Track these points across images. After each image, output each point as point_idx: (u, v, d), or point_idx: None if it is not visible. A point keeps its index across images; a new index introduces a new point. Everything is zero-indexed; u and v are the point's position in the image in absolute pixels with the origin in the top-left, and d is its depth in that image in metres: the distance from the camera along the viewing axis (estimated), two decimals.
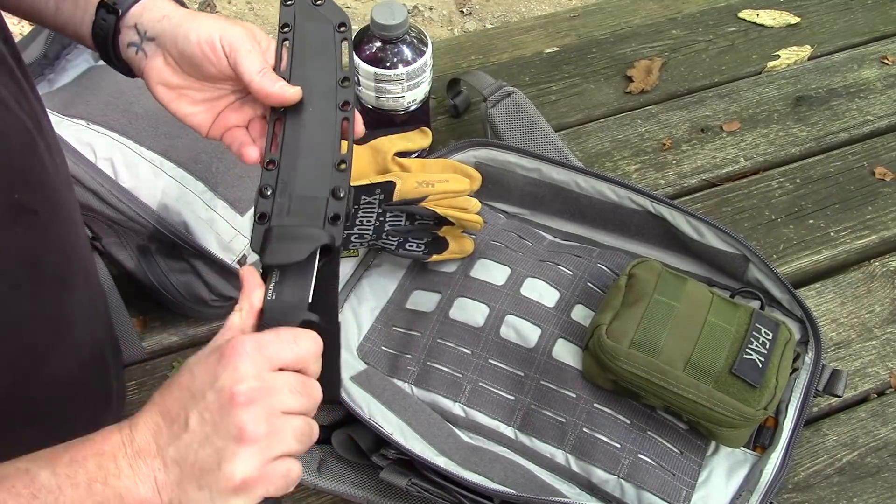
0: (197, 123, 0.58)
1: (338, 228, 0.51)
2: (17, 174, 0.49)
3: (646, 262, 0.72)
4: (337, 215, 0.52)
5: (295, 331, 0.47)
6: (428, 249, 0.75)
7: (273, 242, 0.50)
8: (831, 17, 1.11)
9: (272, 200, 0.52)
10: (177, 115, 0.58)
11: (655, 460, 0.66)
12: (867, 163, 0.94)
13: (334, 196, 0.52)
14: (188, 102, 0.58)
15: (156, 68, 0.56)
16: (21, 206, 0.49)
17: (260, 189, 0.53)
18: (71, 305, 0.57)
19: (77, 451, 0.43)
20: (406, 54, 0.83)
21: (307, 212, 0.52)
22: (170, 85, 0.57)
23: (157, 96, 0.57)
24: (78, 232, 0.59)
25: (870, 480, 0.70)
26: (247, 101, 0.59)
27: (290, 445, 0.45)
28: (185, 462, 0.43)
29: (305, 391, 0.46)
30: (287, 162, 0.54)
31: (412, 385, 0.72)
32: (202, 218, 0.74)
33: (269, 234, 0.51)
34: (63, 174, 0.57)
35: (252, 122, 0.59)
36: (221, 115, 0.58)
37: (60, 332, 0.56)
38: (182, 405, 0.44)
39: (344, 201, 0.52)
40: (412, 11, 2.09)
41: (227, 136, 0.58)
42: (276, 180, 0.53)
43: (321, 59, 0.57)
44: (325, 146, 0.54)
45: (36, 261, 0.51)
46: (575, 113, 1.00)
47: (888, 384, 0.76)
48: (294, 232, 0.51)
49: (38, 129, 0.52)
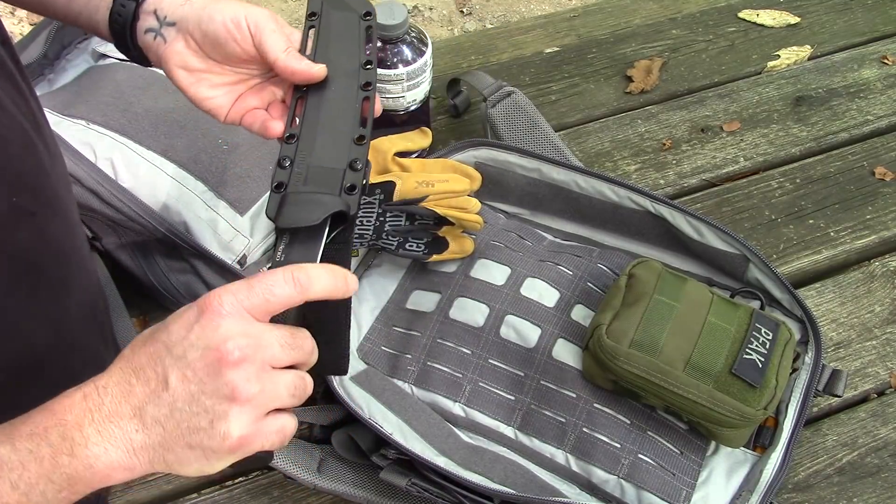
0: (216, 106, 0.58)
1: (353, 198, 0.52)
2: (14, 177, 0.49)
3: (646, 262, 0.72)
4: (353, 185, 0.52)
5: (271, 275, 0.44)
6: (428, 249, 0.75)
7: (288, 207, 0.51)
8: (831, 17, 1.11)
9: (290, 171, 0.53)
10: (195, 98, 0.58)
11: (655, 460, 0.66)
12: (867, 163, 0.94)
13: (352, 168, 0.53)
14: (207, 86, 0.58)
15: (176, 52, 0.57)
16: (19, 209, 0.49)
17: (278, 161, 0.54)
18: (70, 306, 0.57)
19: (37, 424, 0.41)
20: (406, 54, 0.83)
21: (324, 181, 0.53)
22: (190, 68, 0.57)
23: (177, 80, 0.57)
24: (76, 233, 0.59)
25: (870, 480, 0.70)
26: (266, 84, 0.59)
27: (283, 400, 0.44)
28: (169, 421, 0.41)
29: (296, 342, 0.45)
30: (307, 136, 0.55)
31: (412, 385, 0.72)
32: (202, 218, 0.74)
33: (284, 200, 0.52)
34: (61, 175, 0.57)
35: (272, 104, 0.59)
36: (241, 98, 0.59)
37: (60, 332, 0.56)
38: (158, 362, 0.42)
39: (361, 173, 0.53)
40: (412, 11, 2.09)
41: (247, 118, 0.59)
42: (295, 153, 0.54)
43: (345, 43, 0.58)
44: (345, 122, 0.55)
45: (34, 263, 0.51)
46: (575, 113, 1.00)
47: (888, 384, 0.76)
48: (309, 198, 0.52)
49: (36, 130, 0.52)
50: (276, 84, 0.59)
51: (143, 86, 0.80)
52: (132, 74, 0.81)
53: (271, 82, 0.59)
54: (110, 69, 0.82)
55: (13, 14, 1.98)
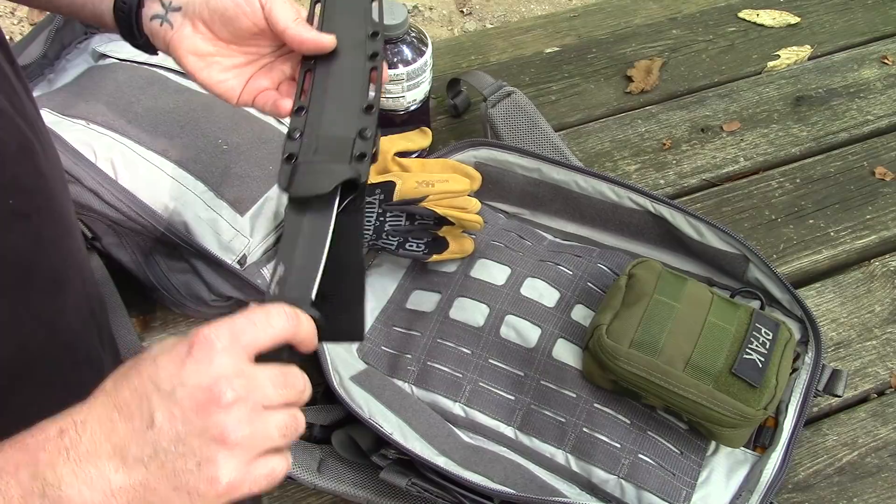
0: (227, 90, 0.58)
1: (364, 165, 0.52)
2: (10, 179, 0.48)
3: (646, 262, 0.72)
4: (363, 153, 0.52)
5: (265, 309, 0.43)
6: (428, 249, 0.75)
7: (299, 177, 0.51)
8: (831, 17, 1.11)
9: (299, 142, 0.53)
10: (207, 82, 0.58)
11: (655, 460, 0.66)
12: (867, 163, 0.94)
13: (361, 136, 0.53)
14: (218, 70, 0.58)
15: (186, 37, 0.57)
16: (14, 212, 0.48)
17: (288, 132, 0.54)
18: (65, 307, 0.57)
19: (8, 460, 0.38)
20: (406, 54, 0.83)
21: (334, 150, 0.53)
22: (200, 53, 0.57)
23: (187, 65, 0.57)
24: (73, 235, 0.59)
25: (870, 480, 0.70)
26: (275, 64, 0.60)
27: (274, 442, 0.42)
28: (153, 461, 0.39)
29: (288, 381, 0.44)
30: (315, 107, 0.55)
31: (412, 385, 0.72)
32: (202, 218, 0.74)
33: (295, 170, 0.52)
34: (58, 177, 0.57)
35: (282, 84, 0.60)
36: (251, 80, 0.59)
37: (54, 333, 0.56)
38: (144, 399, 0.40)
39: (370, 141, 0.53)
40: (412, 11, 2.09)
41: (259, 99, 0.59)
42: (305, 124, 0.54)
43: (352, 15, 0.59)
44: (353, 92, 0.55)
45: (29, 265, 0.51)
46: (575, 113, 1.00)
47: (888, 384, 0.76)
48: (320, 167, 0.52)
49: (32, 132, 0.52)
50: (284, 62, 0.60)
51: (143, 86, 0.80)
52: (132, 74, 0.81)
53: (280, 61, 0.60)
54: (110, 69, 0.82)
55: (13, 14, 1.98)
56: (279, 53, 0.60)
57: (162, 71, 0.83)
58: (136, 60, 0.84)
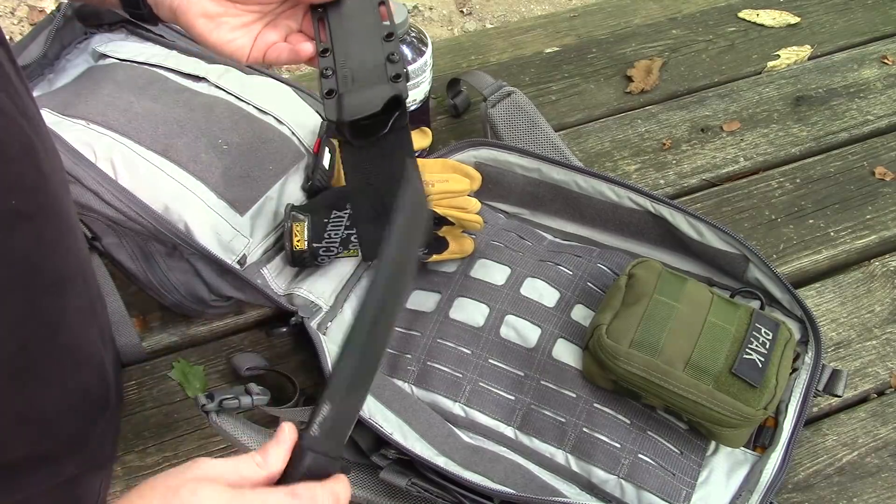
0: (238, 48, 0.60)
1: (401, 84, 0.55)
2: (13, 180, 0.48)
3: (646, 262, 0.72)
4: (398, 74, 0.56)
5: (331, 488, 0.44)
6: (428, 249, 0.75)
7: (346, 105, 0.54)
8: (831, 17, 1.11)
9: (334, 78, 0.56)
10: (217, 43, 0.60)
11: (655, 460, 0.66)
12: (867, 163, 0.94)
13: (390, 60, 0.56)
14: (228, 29, 0.60)
15: (194, 1, 0.58)
16: (17, 213, 0.48)
17: (321, 72, 0.57)
18: (67, 308, 0.57)
19: None
20: (406, 54, 0.83)
21: (370, 77, 0.56)
22: (209, 14, 0.59)
23: (197, 28, 0.59)
24: (75, 235, 0.59)
25: (870, 480, 0.70)
26: (279, 19, 0.62)
27: None
28: None
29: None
30: (339, 45, 0.58)
31: (412, 385, 0.72)
32: (202, 218, 0.74)
33: (340, 101, 0.55)
34: (59, 177, 0.57)
35: (290, 36, 0.62)
36: (260, 36, 0.61)
37: (56, 334, 0.56)
38: None
39: (400, 63, 0.56)
40: (412, 11, 2.09)
41: (270, 52, 0.61)
42: (334, 62, 0.57)
43: None
44: (370, 26, 0.59)
45: (32, 265, 0.51)
46: (575, 113, 1.00)
47: (888, 384, 0.76)
48: (363, 92, 0.55)
49: (34, 132, 0.52)
50: (288, 17, 0.62)
51: (143, 86, 0.80)
52: (132, 74, 0.81)
53: (284, 16, 0.62)
54: (110, 69, 0.82)
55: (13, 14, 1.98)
56: (283, 9, 0.62)
57: (162, 71, 0.83)
58: (135, 60, 0.84)
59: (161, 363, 0.78)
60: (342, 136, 0.56)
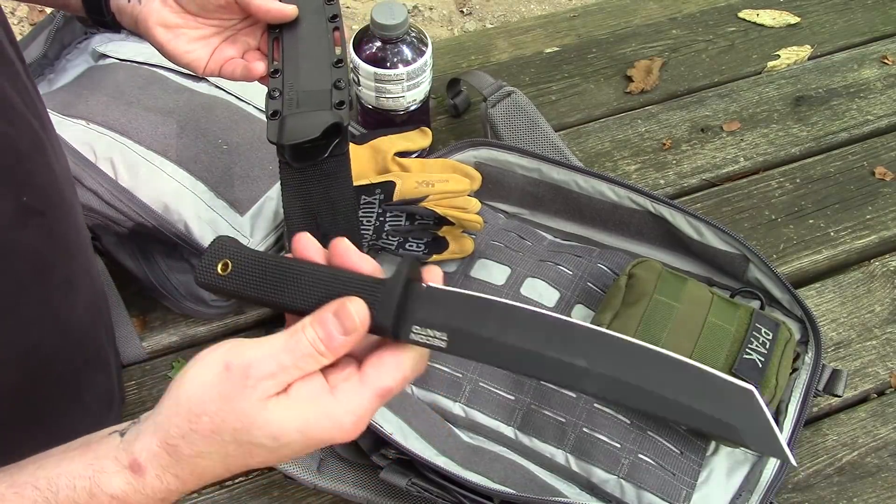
0: (195, 59, 0.62)
1: (344, 111, 0.57)
2: (24, 176, 0.49)
3: (646, 262, 0.72)
4: (342, 101, 0.57)
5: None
6: (428, 249, 0.75)
7: (287, 128, 0.56)
8: (831, 17, 1.11)
9: (281, 100, 0.58)
10: (174, 53, 0.61)
11: (655, 460, 0.66)
12: (867, 163, 0.94)
13: (336, 87, 0.58)
14: (185, 41, 0.61)
15: (154, 10, 0.60)
16: (29, 208, 0.49)
17: (268, 93, 0.58)
18: (77, 305, 0.57)
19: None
20: (406, 54, 0.83)
21: (315, 101, 0.57)
22: (168, 24, 0.60)
23: (155, 37, 0.60)
24: (82, 232, 0.60)
25: (870, 480, 0.70)
26: (239, 35, 0.63)
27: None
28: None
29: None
30: (290, 68, 0.59)
31: (412, 385, 0.72)
32: (202, 218, 0.74)
33: (283, 124, 0.56)
34: (66, 174, 0.57)
35: (247, 53, 0.63)
36: (217, 50, 0.62)
37: (66, 333, 0.56)
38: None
39: (346, 91, 0.58)
40: (412, 11, 2.09)
41: (226, 67, 0.62)
42: (283, 83, 0.59)
43: None
44: (321, 51, 0.60)
45: (43, 262, 0.52)
46: (575, 113, 1.00)
47: (888, 384, 0.76)
48: (305, 116, 0.56)
49: (43, 129, 0.52)
50: (248, 34, 0.63)
51: (143, 86, 0.80)
52: (132, 74, 0.81)
53: (243, 33, 0.63)
54: (110, 69, 0.82)
55: (13, 14, 1.98)
56: (242, 26, 0.63)
57: (162, 71, 0.83)
58: (135, 60, 0.84)
59: (161, 363, 0.78)
60: (282, 157, 0.57)
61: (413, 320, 0.40)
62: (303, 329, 0.40)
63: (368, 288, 0.40)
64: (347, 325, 0.39)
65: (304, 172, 0.58)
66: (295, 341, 0.39)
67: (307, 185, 0.59)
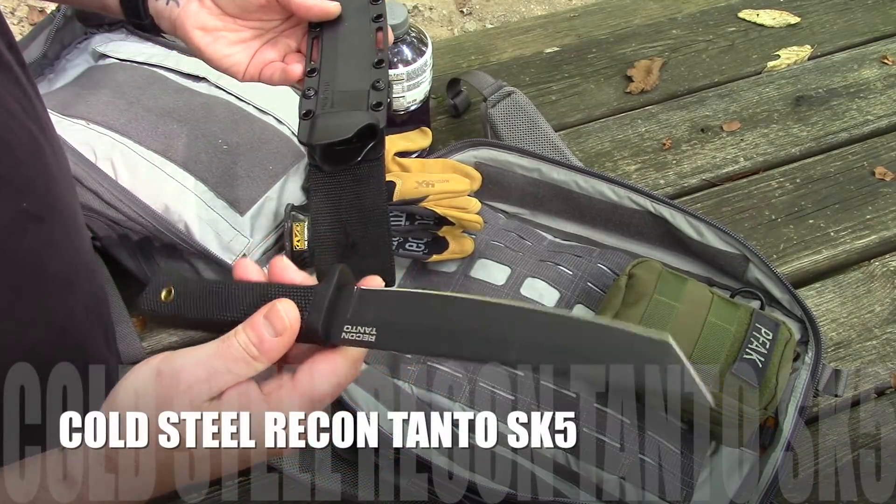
0: (234, 63, 0.59)
1: (381, 113, 0.53)
2: (23, 182, 0.49)
3: (646, 262, 0.72)
4: (379, 103, 0.54)
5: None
6: (428, 249, 0.75)
7: (319, 127, 0.52)
8: (831, 17, 1.11)
9: (315, 99, 0.55)
10: (214, 57, 0.59)
11: (655, 460, 0.66)
12: (867, 163, 0.94)
13: (374, 88, 0.55)
14: (225, 44, 0.59)
15: (192, 13, 0.58)
16: (28, 214, 0.49)
17: (303, 92, 0.55)
18: (76, 309, 0.57)
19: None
20: (406, 54, 0.83)
21: (350, 102, 0.54)
22: (207, 28, 0.58)
23: (194, 41, 0.58)
24: (82, 235, 0.59)
25: (870, 480, 0.70)
26: (279, 38, 0.61)
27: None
28: None
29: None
30: (327, 68, 0.56)
31: (412, 385, 0.71)
32: (202, 218, 0.74)
33: (314, 124, 0.53)
34: (66, 178, 0.57)
35: (287, 55, 0.61)
36: (258, 53, 0.60)
37: (65, 335, 0.56)
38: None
39: (384, 91, 0.54)
40: (412, 11, 2.09)
41: (266, 71, 0.60)
42: (318, 83, 0.56)
43: None
44: (362, 51, 0.57)
45: (42, 267, 0.51)
46: (575, 113, 1.00)
47: (888, 384, 0.76)
48: (339, 116, 0.53)
49: (42, 134, 0.52)
50: (289, 36, 0.61)
51: (143, 86, 0.80)
52: (132, 74, 0.81)
53: (284, 35, 0.61)
54: (110, 69, 0.82)
55: (13, 14, 1.98)
56: (284, 27, 0.61)
57: (162, 71, 0.83)
58: (135, 60, 0.84)
59: None
60: (312, 160, 0.54)
61: (344, 321, 0.40)
62: (235, 334, 0.40)
63: (300, 293, 0.41)
64: (278, 325, 0.39)
65: (335, 177, 0.54)
66: (227, 346, 0.39)
67: (337, 191, 0.55)
